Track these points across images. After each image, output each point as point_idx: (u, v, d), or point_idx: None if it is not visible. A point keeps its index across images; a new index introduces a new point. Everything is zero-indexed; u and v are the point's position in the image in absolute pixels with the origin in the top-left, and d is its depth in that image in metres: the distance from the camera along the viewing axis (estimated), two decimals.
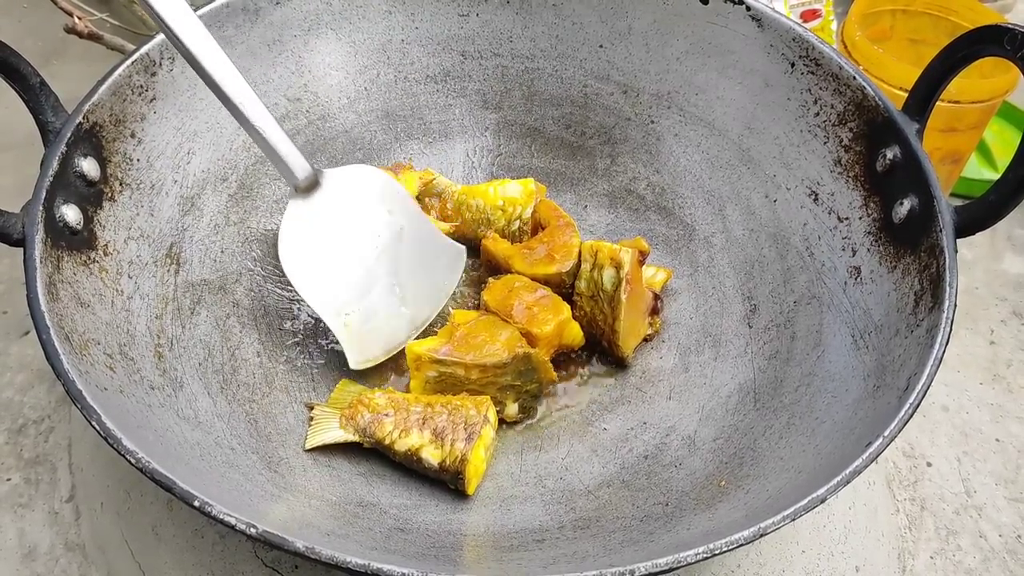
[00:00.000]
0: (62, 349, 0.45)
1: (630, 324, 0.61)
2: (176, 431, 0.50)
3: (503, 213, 0.67)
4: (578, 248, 0.64)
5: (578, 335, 0.63)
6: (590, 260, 0.62)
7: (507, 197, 0.68)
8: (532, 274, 0.63)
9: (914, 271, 0.53)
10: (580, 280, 0.63)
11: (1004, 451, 0.70)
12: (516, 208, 0.67)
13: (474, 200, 0.68)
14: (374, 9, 0.70)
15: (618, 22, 0.70)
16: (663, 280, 0.66)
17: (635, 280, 0.61)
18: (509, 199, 0.67)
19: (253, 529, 0.40)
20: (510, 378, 0.58)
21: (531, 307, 0.61)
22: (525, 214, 0.67)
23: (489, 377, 0.58)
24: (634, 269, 0.60)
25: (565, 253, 0.64)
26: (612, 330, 0.61)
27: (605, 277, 0.61)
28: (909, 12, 0.80)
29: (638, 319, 0.63)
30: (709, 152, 0.69)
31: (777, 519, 0.41)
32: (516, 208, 0.67)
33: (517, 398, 0.59)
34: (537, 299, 0.61)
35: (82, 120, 0.54)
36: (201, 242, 0.62)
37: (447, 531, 0.53)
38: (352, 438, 0.56)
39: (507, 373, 0.58)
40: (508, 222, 0.68)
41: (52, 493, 0.64)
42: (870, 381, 0.51)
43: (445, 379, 0.58)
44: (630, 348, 0.63)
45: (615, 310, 0.61)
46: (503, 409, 0.59)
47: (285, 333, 0.63)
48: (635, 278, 0.61)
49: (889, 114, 0.57)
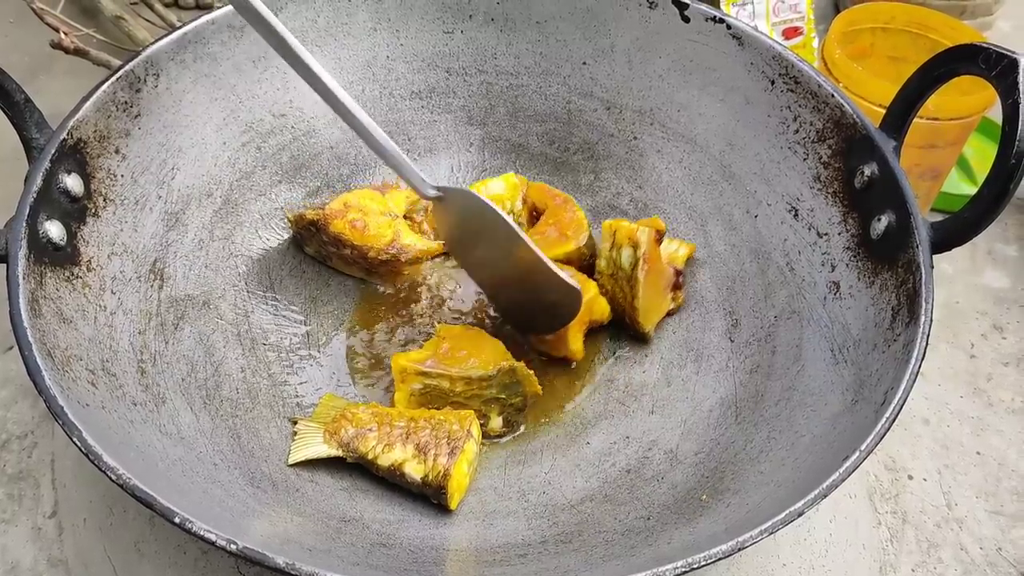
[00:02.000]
0: (44, 365, 0.46)
1: (649, 301, 0.64)
2: (158, 447, 0.50)
3: None
4: (585, 220, 0.67)
5: (605, 310, 0.65)
6: (609, 240, 0.64)
7: (494, 196, 0.69)
8: (554, 257, 0.65)
9: (891, 286, 0.54)
10: (600, 259, 0.65)
11: (985, 464, 0.70)
12: (506, 203, 0.68)
13: None
14: (359, 26, 0.70)
15: (601, 40, 0.71)
16: (685, 255, 0.67)
17: (653, 258, 0.63)
18: (496, 197, 0.68)
19: (233, 545, 0.40)
20: (495, 391, 0.58)
21: None
22: (517, 206, 0.68)
23: (474, 390, 0.58)
24: (651, 248, 0.62)
25: (576, 227, 0.66)
26: (632, 308, 0.64)
27: (623, 256, 0.63)
28: (889, 30, 0.81)
29: (658, 296, 0.64)
30: (691, 168, 0.69)
31: (755, 533, 0.42)
32: (506, 203, 0.68)
33: (502, 411, 0.59)
34: None
35: (66, 136, 0.54)
36: (185, 257, 0.62)
37: (430, 546, 0.53)
38: (336, 453, 0.56)
39: (492, 386, 0.58)
40: None
41: (35, 509, 0.63)
42: (848, 395, 0.52)
43: (430, 391, 0.58)
44: (651, 324, 0.65)
45: (634, 288, 0.63)
46: (487, 423, 0.59)
47: (269, 348, 0.63)
48: (653, 256, 0.63)
49: (867, 131, 0.58)
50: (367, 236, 0.64)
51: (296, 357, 0.63)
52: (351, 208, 0.65)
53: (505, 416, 0.60)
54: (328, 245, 0.65)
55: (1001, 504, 0.68)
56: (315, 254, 0.67)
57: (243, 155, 0.67)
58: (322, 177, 0.71)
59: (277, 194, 0.69)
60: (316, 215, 0.64)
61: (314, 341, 0.64)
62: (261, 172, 0.68)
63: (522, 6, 0.71)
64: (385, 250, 0.64)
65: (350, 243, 0.64)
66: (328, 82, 0.56)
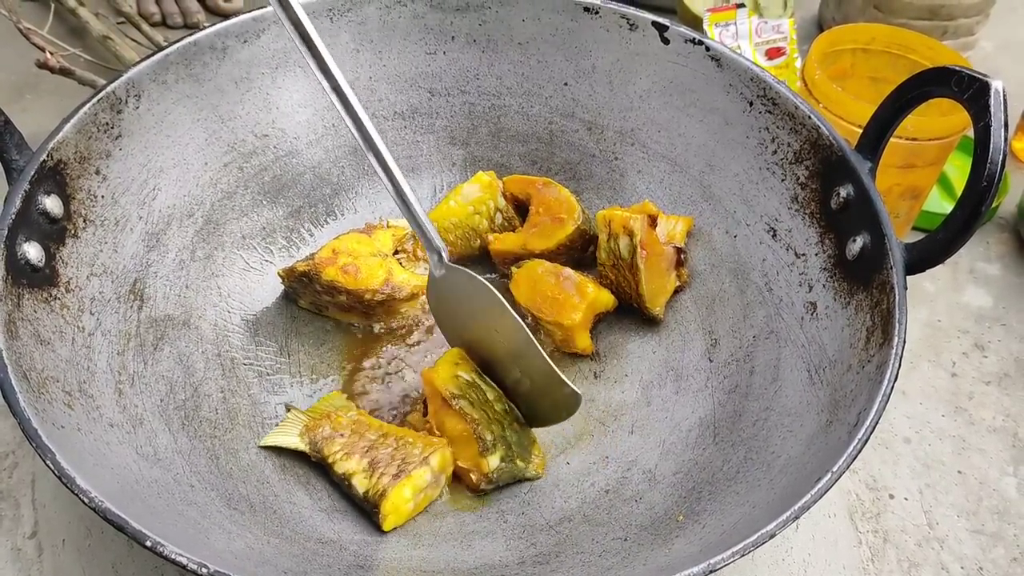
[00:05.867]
0: (19, 387, 0.46)
1: (654, 285, 0.65)
2: (134, 468, 0.50)
3: (480, 215, 0.69)
4: (572, 195, 0.68)
5: (609, 300, 0.66)
6: (605, 231, 0.65)
7: (473, 200, 0.69)
8: (557, 243, 0.67)
9: (866, 307, 0.54)
10: (600, 251, 0.67)
11: (966, 483, 0.70)
12: (488, 203, 0.69)
13: (448, 220, 0.69)
14: (342, 47, 0.71)
15: (582, 61, 0.71)
16: (684, 230, 0.68)
17: (650, 243, 0.64)
18: (476, 200, 0.69)
19: (205, 569, 0.40)
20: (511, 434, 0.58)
21: (556, 297, 0.64)
22: (500, 203, 0.69)
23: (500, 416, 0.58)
24: (647, 234, 0.64)
25: (567, 208, 0.68)
26: (638, 294, 0.65)
27: (621, 246, 0.64)
28: (869, 51, 0.82)
29: (661, 278, 0.66)
30: (671, 188, 0.70)
31: (727, 555, 0.42)
32: (488, 203, 0.69)
33: (504, 457, 0.57)
34: (560, 285, 0.64)
35: (46, 158, 0.55)
36: (166, 278, 0.62)
37: (408, 567, 0.53)
38: (303, 447, 0.57)
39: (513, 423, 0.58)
40: (490, 219, 0.69)
41: (15, 529, 0.63)
42: (823, 416, 0.52)
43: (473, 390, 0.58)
44: (658, 305, 0.66)
45: (636, 275, 0.64)
46: (488, 454, 0.57)
47: (249, 369, 0.63)
48: (650, 241, 0.64)
49: (843, 153, 0.58)
50: (360, 280, 0.64)
51: (276, 378, 0.63)
52: (340, 254, 0.65)
53: (501, 465, 0.57)
54: (323, 295, 0.65)
55: (982, 523, 0.68)
56: (309, 306, 0.67)
57: (225, 175, 0.67)
58: (304, 197, 0.71)
59: (259, 214, 0.69)
60: (307, 266, 0.64)
61: (295, 360, 0.64)
62: (243, 192, 0.68)
63: (504, 27, 0.72)
64: (380, 290, 0.64)
65: (344, 289, 0.64)
66: (370, 130, 0.55)
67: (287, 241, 0.70)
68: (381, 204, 0.73)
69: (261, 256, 0.68)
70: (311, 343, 0.66)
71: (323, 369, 0.65)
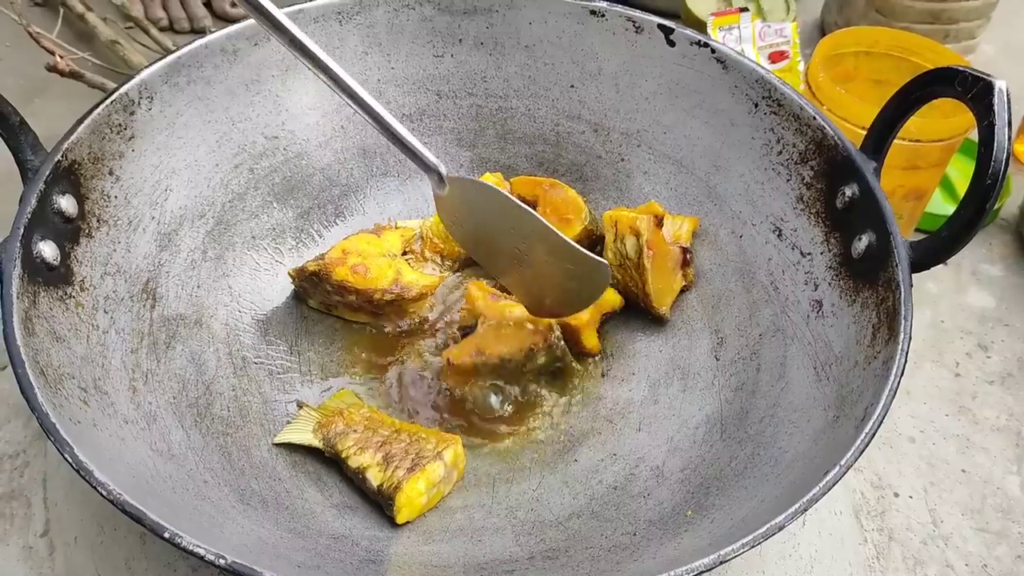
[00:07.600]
0: (37, 383, 0.46)
1: (660, 284, 0.66)
2: (149, 464, 0.50)
3: None
4: (579, 196, 0.69)
5: (616, 300, 0.67)
6: (612, 231, 0.66)
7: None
8: None
9: (872, 304, 0.55)
10: (607, 251, 0.67)
11: (970, 482, 0.71)
12: None
13: None
14: (351, 50, 0.71)
15: (588, 63, 0.72)
16: (689, 230, 0.68)
17: (656, 243, 0.65)
18: None
19: (222, 560, 0.41)
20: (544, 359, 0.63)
21: None
22: None
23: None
24: (653, 234, 0.64)
25: (574, 207, 0.69)
26: (645, 294, 0.66)
27: (628, 246, 0.65)
28: (872, 54, 0.83)
29: (668, 277, 0.66)
30: (677, 189, 0.71)
31: (736, 546, 0.42)
32: None
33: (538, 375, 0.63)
34: None
35: (60, 158, 0.55)
36: (177, 277, 0.63)
37: (419, 562, 0.53)
38: (316, 444, 0.58)
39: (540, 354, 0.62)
40: None
41: (27, 528, 0.64)
42: (830, 412, 0.53)
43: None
44: (665, 305, 0.67)
45: (643, 275, 0.65)
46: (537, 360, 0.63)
47: (260, 368, 0.63)
48: (656, 241, 0.65)
49: (848, 153, 0.59)
50: (369, 279, 0.64)
51: (287, 376, 0.64)
52: (350, 254, 0.65)
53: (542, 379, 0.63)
54: (332, 295, 0.65)
55: (986, 521, 0.68)
56: (319, 306, 0.68)
57: (235, 177, 0.68)
58: (313, 198, 0.72)
59: (269, 215, 0.69)
60: (317, 266, 0.64)
61: (305, 359, 0.65)
62: (253, 193, 0.69)
63: (511, 30, 0.72)
64: (389, 290, 0.65)
65: (354, 289, 0.64)
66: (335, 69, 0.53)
67: (296, 242, 0.70)
68: (390, 205, 0.74)
69: (271, 256, 0.69)
70: (321, 342, 0.67)
71: (333, 368, 0.65)
